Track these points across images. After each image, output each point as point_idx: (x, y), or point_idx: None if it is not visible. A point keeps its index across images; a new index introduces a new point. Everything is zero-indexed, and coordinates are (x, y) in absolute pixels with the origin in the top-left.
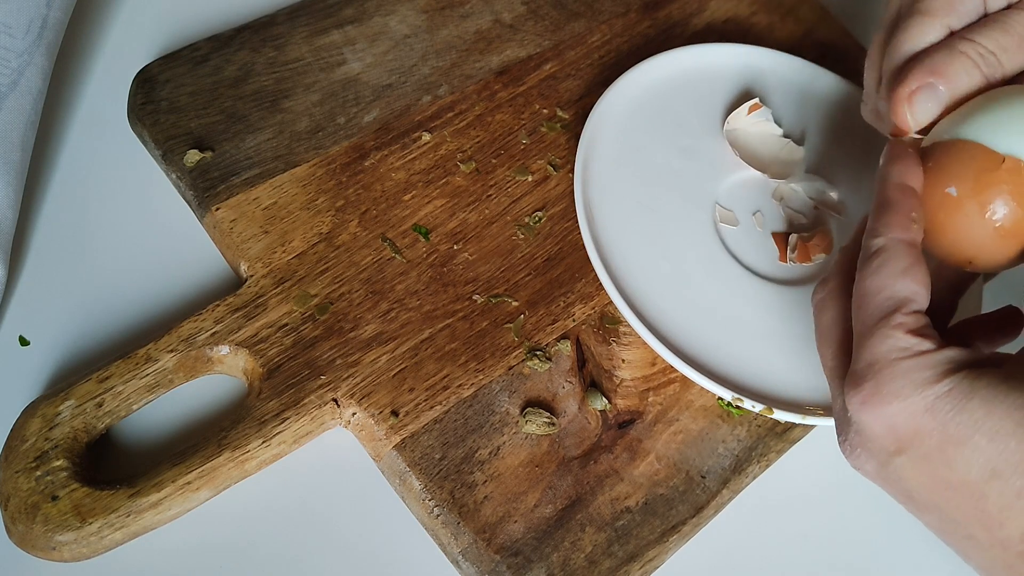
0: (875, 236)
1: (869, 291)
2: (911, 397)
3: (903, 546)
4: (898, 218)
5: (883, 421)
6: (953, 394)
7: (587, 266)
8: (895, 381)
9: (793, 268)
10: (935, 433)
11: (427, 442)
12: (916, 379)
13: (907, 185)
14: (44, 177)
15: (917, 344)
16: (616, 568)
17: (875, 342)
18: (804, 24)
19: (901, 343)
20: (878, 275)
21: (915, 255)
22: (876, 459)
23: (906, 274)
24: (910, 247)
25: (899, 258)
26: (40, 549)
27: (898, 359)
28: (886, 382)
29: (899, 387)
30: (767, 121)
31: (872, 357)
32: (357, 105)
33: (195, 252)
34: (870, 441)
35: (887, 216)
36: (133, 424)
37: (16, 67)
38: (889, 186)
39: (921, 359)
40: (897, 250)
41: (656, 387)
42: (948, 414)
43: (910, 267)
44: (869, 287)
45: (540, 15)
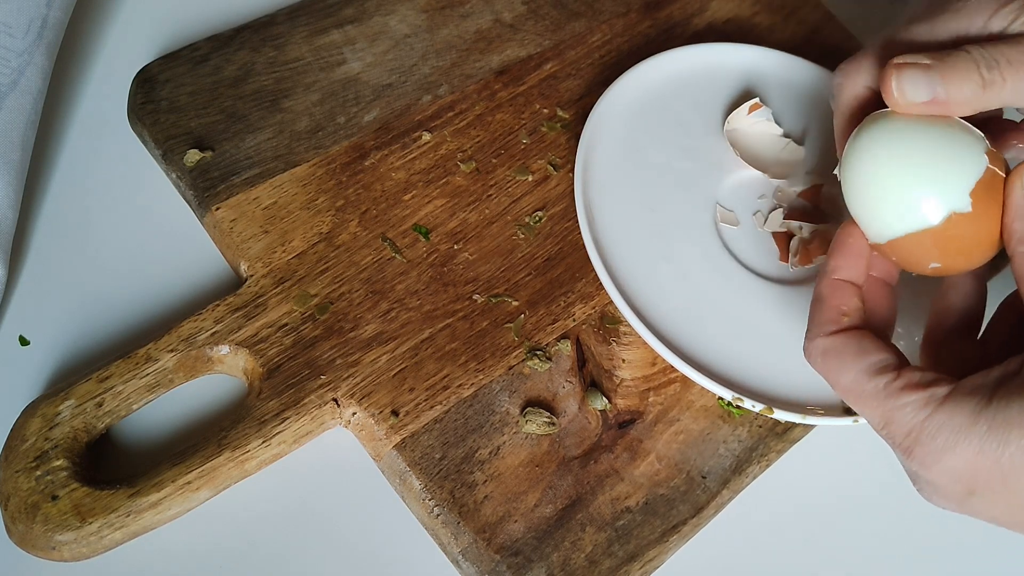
0: (811, 339)
1: (851, 390)
2: (958, 447)
3: (903, 546)
4: (828, 315)
5: (945, 475)
6: (994, 431)
7: (587, 266)
8: (937, 438)
9: (793, 268)
10: (994, 470)
11: (427, 442)
12: (954, 427)
13: (838, 280)
14: (44, 177)
15: (933, 394)
16: (616, 568)
17: (899, 416)
18: (806, 25)
19: (920, 401)
20: (844, 373)
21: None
22: (954, 501)
23: (862, 353)
24: (848, 332)
25: (846, 346)
26: (40, 549)
27: (928, 416)
28: (928, 442)
29: (943, 443)
30: (767, 121)
31: (905, 428)
32: (357, 105)
33: (195, 252)
34: (942, 489)
35: (818, 315)
36: (133, 424)
37: (16, 67)
38: (823, 280)
39: (948, 406)
40: (839, 342)
41: (656, 387)
42: (997, 451)
43: (859, 347)
44: (848, 387)
45: (540, 15)
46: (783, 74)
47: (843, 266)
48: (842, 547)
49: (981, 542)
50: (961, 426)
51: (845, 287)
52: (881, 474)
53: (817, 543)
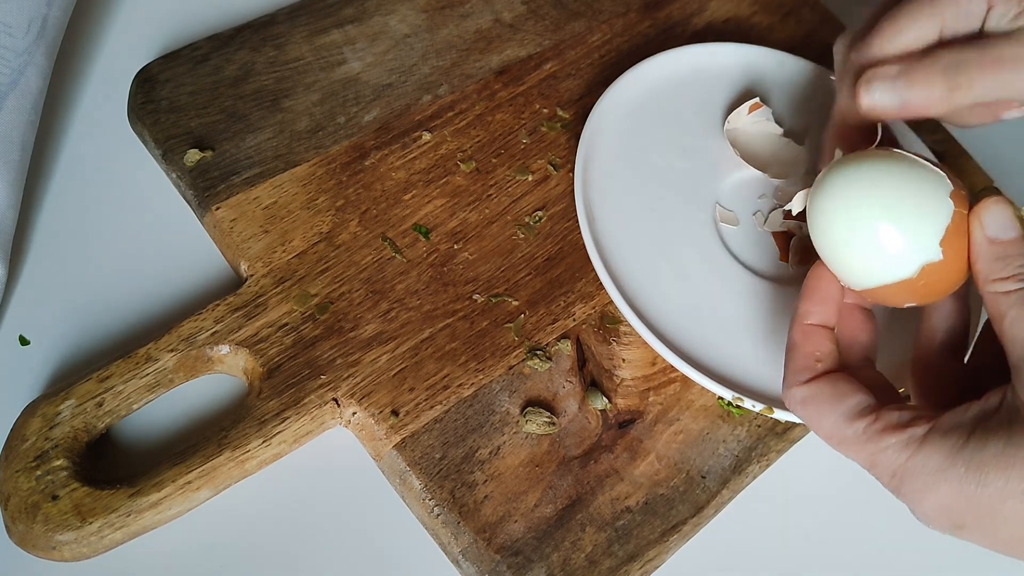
0: (789, 387)
1: (831, 435)
2: (939, 487)
3: (903, 545)
4: (802, 363)
5: (931, 511)
6: (971, 472)
7: (587, 266)
8: (918, 478)
9: (793, 268)
10: (975, 508)
11: (427, 442)
12: (934, 468)
13: (810, 325)
14: (44, 177)
15: (911, 435)
16: (616, 568)
17: (882, 458)
18: (805, 25)
19: (900, 443)
20: (822, 419)
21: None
22: (947, 532)
23: (838, 397)
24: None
25: (821, 392)
26: (40, 549)
27: (909, 458)
28: (913, 481)
29: (924, 483)
30: (767, 121)
31: (890, 469)
32: (357, 104)
33: (195, 252)
34: (932, 522)
35: (792, 363)
36: (133, 424)
37: (16, 66)
38: (795, 326)
39: (926, 448)
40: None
41: (656, 387)
42: (976, 491)
43: (834, 391)
44: (827, 433)
45: (540, 15)
46: (782, 74)
47: (814, 311)
48: (842, 547)
49: None
50: (940, 467)
51: (817, 332)
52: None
53: (817, 543)
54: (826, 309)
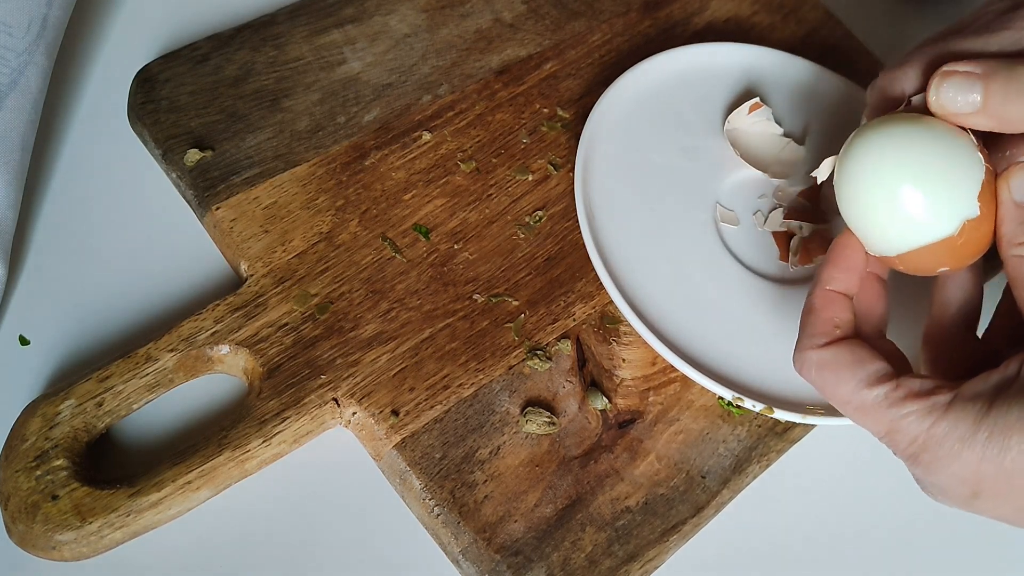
0: (803, 351)
1: (849, 401)
2: (963, 454)
3: (903, 545)
4: (821, 328)
5: (951, 480)
6: (995, 437)
7: (587, 265)
8: (941, 446)
9: (793, 267)
10: (998, 474)
11: (427, 441)
12: (958, 436)
13: (832, 291)
14: (44, 177)
15: (934, 403)
16: (616, 568)
17: (902, 426)
18: (806, 24)
19: (923, 409)
20: (840, 385)
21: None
22: (960, 502)
23: (858, 364)
24: (840, 343)
25: (841, 356)
26: (40, 548)
27: (932, 426)
28: (934, 449)
29: (947, 451)
30: (767, 121)
31: (910, 437)
32: (357, 104)
33: (195, 252)
34: (947, 492)
35: (810, 326)
36: (133, 423)
37: (16, 66)
38: (816, 290)
39: (950, 415)
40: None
41: (656, 387)
42: (999, 456)
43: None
44: (845, 398)
45: (540, 14)
46: (783, 73)
47: (838, 278)
48: (842, 547)
49: (982, 541)
50: (965, 434)
51: (838, 299)
52: (881, 474)
53: (817, 543)
54: (849, 277)
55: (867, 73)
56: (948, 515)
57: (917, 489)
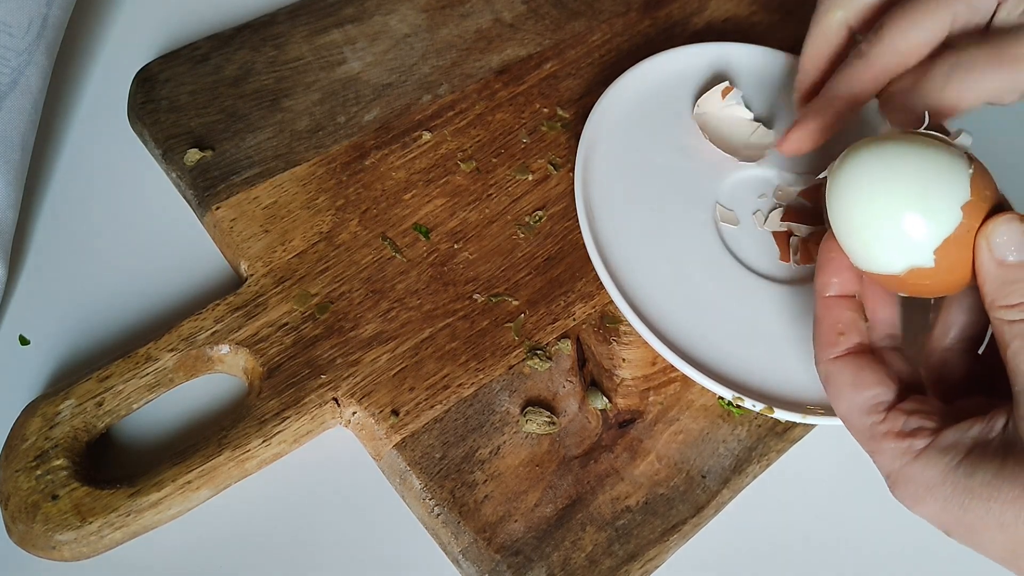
0: (817, 363)
1: (844, 418)
2: (927, 501)
3: (903, 545)
4: (824, 339)
5: (922, 514)
6: (957, 495)
7: (587, 265)
8: (910, 487)
9: (794, 267)
10: (960, 525)
11: (427, 441)
12: (925, 482)
13: (829, 297)
14: (44, 177)
15: (910, 446)
16: (616, 567)
17: (880, 458)
18: (805, 24)
19: (899, 450)
20: (839, 402)
21: (852, 363)
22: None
23: (856, 386)
24: (844, 360)
25: (841, 376)
26: (40, 548)
27: (904, 467)
28: (905, 487)
29: (915, 492)
30: (738, 105)
31: (886, 470)
32: (357, 104)
33: (195, 251)
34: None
35: (817, 338)
36: (133, 423)
37: (16, 66)
38: (816, 300)
39: (921, 461)
40: (835, 371)
41: (656, 386)
42: (960, 511)
43: (854, 378)
44: (841, 415)
45: (540, 14)
46: (782, 73)
47: (832, 282)
48: (842, 547)
49: None
50: (930, 483)
51: (837, 303)
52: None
53: (817, 543)
54: (843, 278)
55: None
56: None
57: None
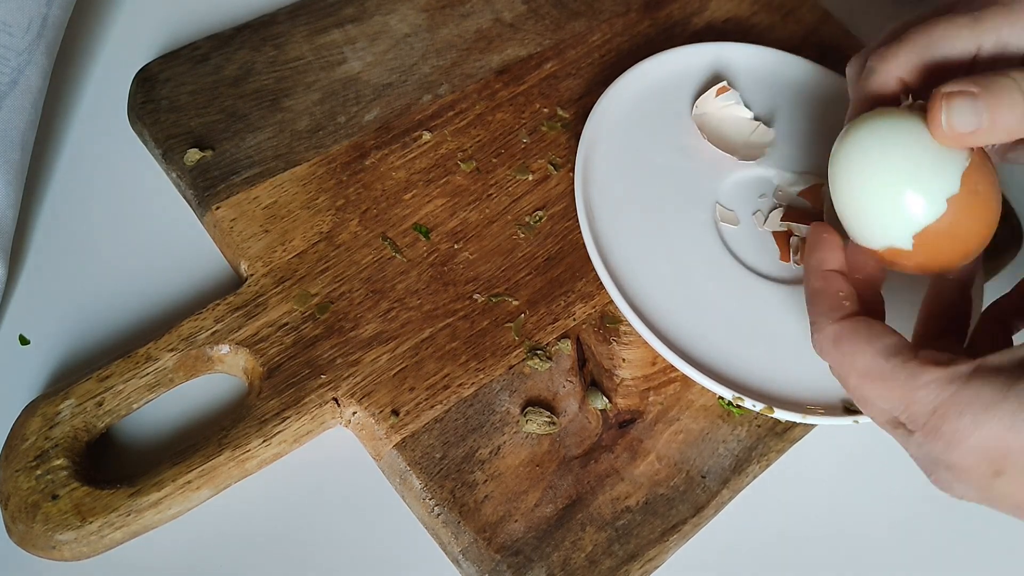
0: (820, 330)
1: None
2: (989, 423)
3: (903, 546)
4: (829, 303)
5: (973, 453)
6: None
7: (587, 265)
8: (964, 416)
9: (794, 267)
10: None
11: (427, 441)
12: (984, 403)
13: (827, 271)
14: (44, 177)
15: (955, 371)
16: (616, 567)
17: (921, 394)
18: (805, 24)
19: (944, 378)
20: (857, 355)
21: (864, 320)
22: (976, 485)
23: (874, 336)
24: (856, 317)
25: (856, 331)
26: (40, 548)
27: (955, 394)
28: (956, 419)
29: (971, 419)
30: (736, 104)
31: (930, 407)
32: (357, 104)
33: (195, 251)
34: (965, 472)
35: (819, 304)
36: (133, 423)
37: (16, 66)
38: (813, 275)
39: (974, 382)
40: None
41: (657, 386)
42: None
43: (869, 331)
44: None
45: (541, 14)
46: (782, 73)
47: (828, 258)
48: (842, 547)
49: (981, 542)
50: (991, 402)
51: (835, 276)
52: (881, 474)
53: (817, 543)
54: (836, 256)
55: None
56: (949, 516)
57: (917, 489)
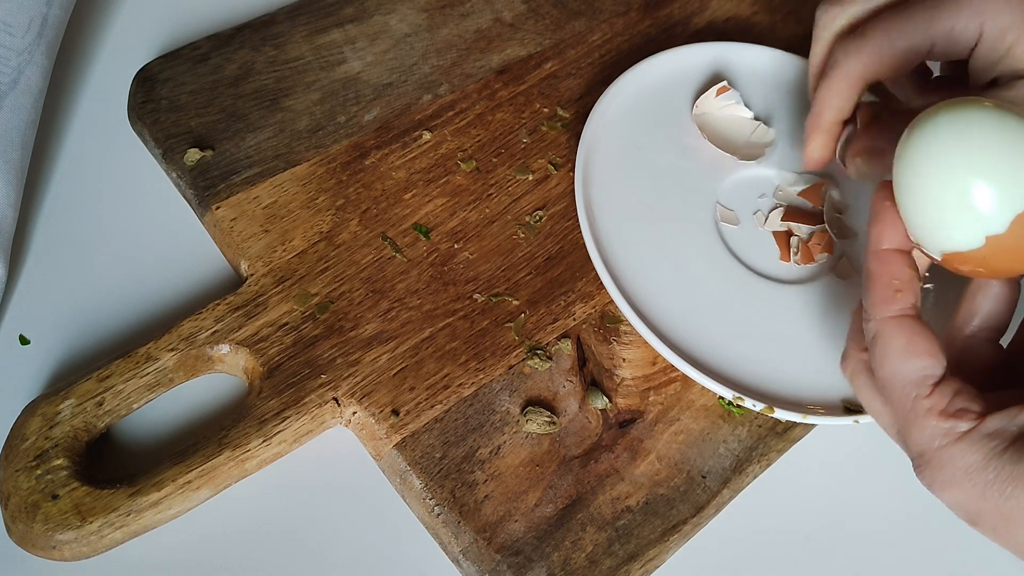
0: (867, 320)
1: (885, 382)
2: (963, 485)
3: (903, 546)
4: (880, 294)
5: (949, 500)
6: (1000, 479)
7: (588, 265)
8: (945, 470)
9: (794, 267)
10: (995, 512)
11: (428, 441)
12: (964, 466)
13: (886, 250)
14: (44, 177)
15: (953, 427)
16: (617, 567)
17: (915, 433)
18: (806, 24)
19: (939, 430)
20: (885, 364)
21: (908, 327)
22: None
23: (907, 352)
24: (900, 321)
25: (894, 338)
26: (40, 548)
27: (942, 447)
28: (938, 470)
29: (950, 476)
30: (737, 104)
31: (919, 447)
32: (357, 104)
33: (195, 251)
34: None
35: (870, 294)
36: (133, 423)
37: (16, 66)
38: (870, 256)
39: (962, 444)
40: (888, 331)
41: (657, 386)
42: (1000, 498)
43: (908, 344)
44: (883, 377)
45: (541, 14)
46: (783, 73)
47: (887, 234)
48: (842, 547)
49: (981, 541)
50: (971, 467)
51: (895, 257)
52: (881, 474)
53: (817, 543)
54: (900, 230)
55: None
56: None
57: (917, 489)
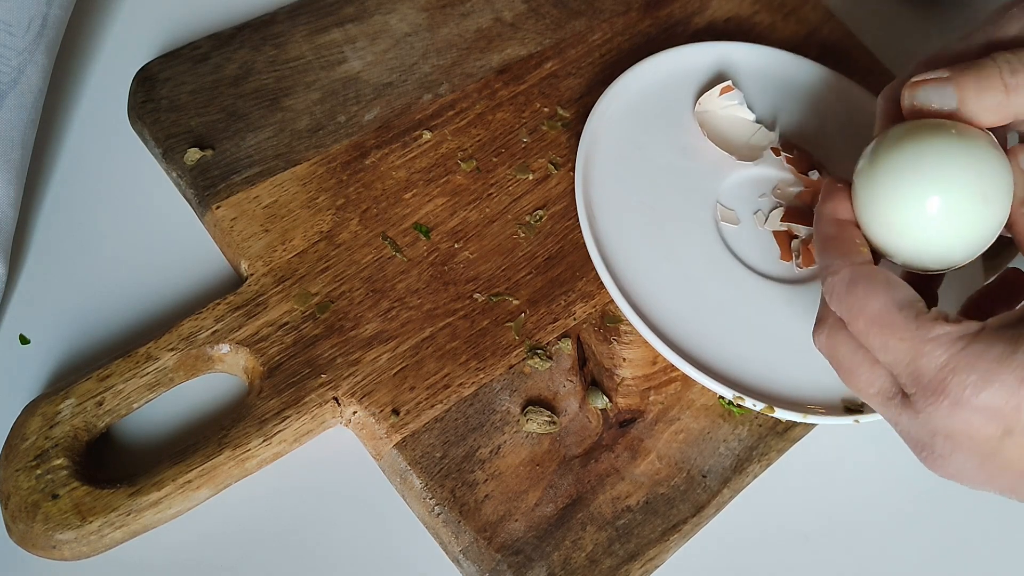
0: (835, 272)
1: (878, 313)
2: (1001, 374)
3: (903, 545)
4: (846, 247)
5: (983, 411)
6: None
7: (588, 265)
8: (976, 369)
9: (794, 267)
10: None
11: (428, 441)
12: (995, 356)
13: (841, 219)
14: (44, 176)
15: (965, 328)
16: (617, 567)
17: (929, 349)
18: (806, 24)
19: (954, 334)
20: (872, 298)
21: (881, 271)
22: (980, 453)
23: (893, 283)
24: (872, 266)
25: (875, 274)
26: (40, 548)
27: (964, 348)
28: (968, 373)
29: (984, 372)
30: (739, 105)
31: (939, 361)
32: (358, 103)
33: (195, 251)
34: (970, 438)
35: (836, 248)
36: (133, 423)
37: (16, 65)
38: (825, 222)
39: (983, 339)
40: (866, 271)
41: (657, 386)
42: None
43: (888, 279)
44: (874, 314)
45: (541, 13)
46: (783, 73)
47: (840, 208)
48: (842, 547)
49: (981, 541)
50: (1001, 356)
51: (850, 225)
52: (881, 474)
53: (817, 543)
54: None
55: (868, 73)
56: (949, 515)
57: (917, 489)
